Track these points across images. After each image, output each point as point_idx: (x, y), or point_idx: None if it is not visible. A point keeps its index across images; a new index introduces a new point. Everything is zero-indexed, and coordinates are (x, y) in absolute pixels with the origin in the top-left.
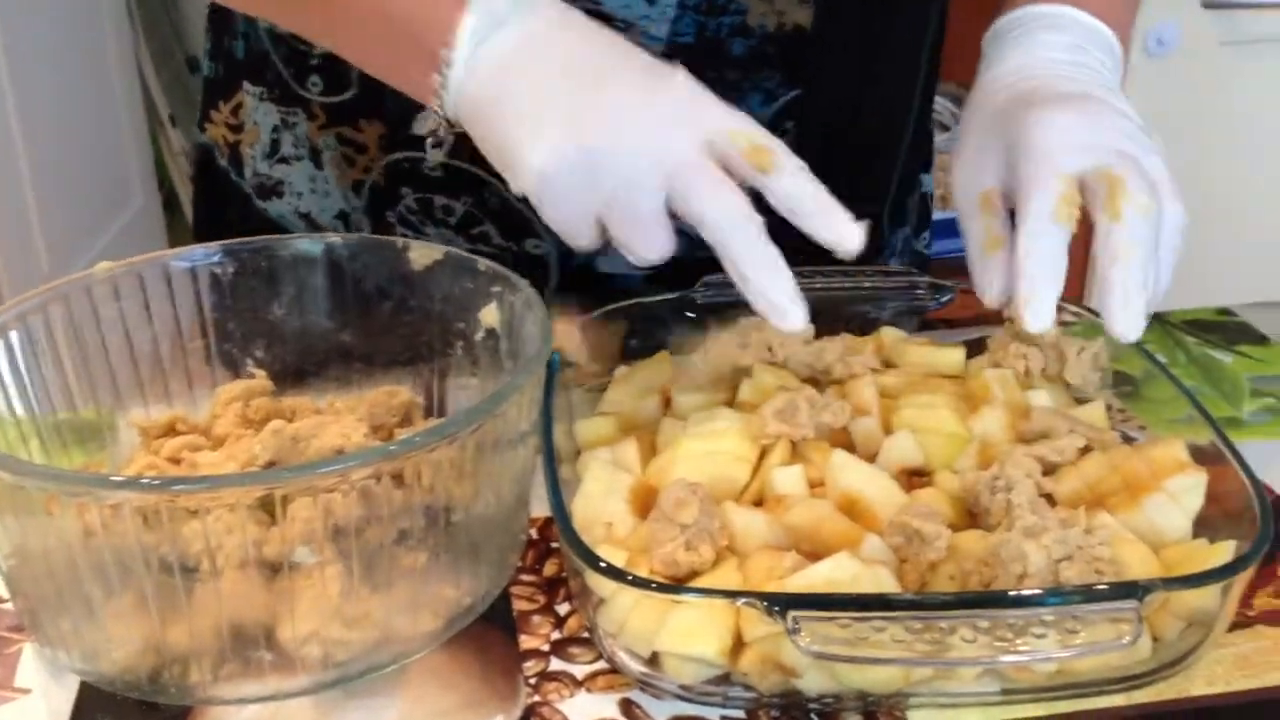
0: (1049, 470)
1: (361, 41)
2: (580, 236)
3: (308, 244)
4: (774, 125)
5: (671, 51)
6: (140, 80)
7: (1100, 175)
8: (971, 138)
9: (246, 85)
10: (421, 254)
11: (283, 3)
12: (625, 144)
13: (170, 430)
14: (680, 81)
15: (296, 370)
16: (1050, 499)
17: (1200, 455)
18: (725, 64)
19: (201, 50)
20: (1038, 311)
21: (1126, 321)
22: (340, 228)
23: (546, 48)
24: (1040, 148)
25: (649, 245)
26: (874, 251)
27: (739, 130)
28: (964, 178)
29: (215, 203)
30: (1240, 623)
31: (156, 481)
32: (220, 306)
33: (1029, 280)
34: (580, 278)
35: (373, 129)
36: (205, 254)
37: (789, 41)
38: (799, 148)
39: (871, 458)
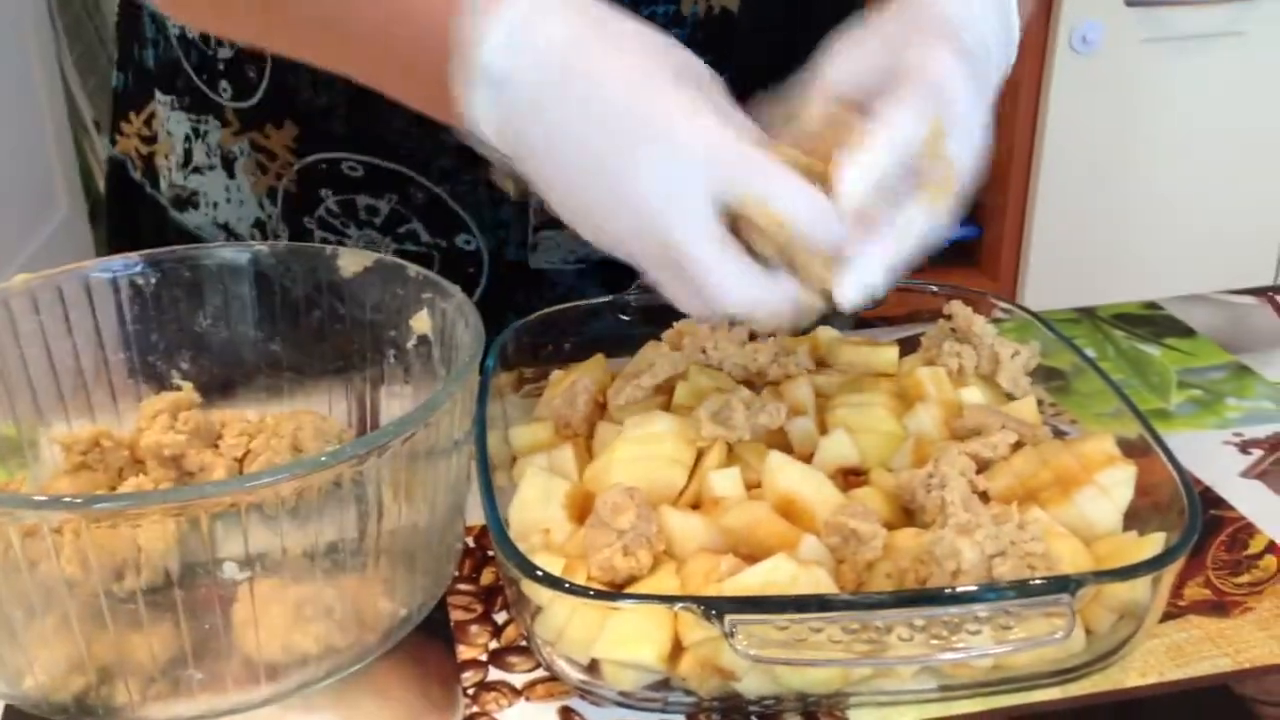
0: (982, 467)
1: (383, 65)
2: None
3: (232, 252)
4: None
5: None
6: (64, 86)
7: (946, 145)
8: (858, 38)
9: (158, 94)
10: (350, 261)
11: (295, 33)
12: (654, 177)
13: (94, 445)
14: (691, 109)
15: (225, 382)
16: (984, 496)
17: (1129, 448)
18: None
19: None
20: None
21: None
22: (257, 236)
23: (581, 64)
24: (929, 85)
25: (724, 281)
26: None
27: (750, 200)
28: (830, 70)
29: (130, 217)
30: (1171, 613)
31: (78, 500)
32: (143, 318)
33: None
34: (513, 273)
35: (281, 134)
36: (126, 264)
37: (716, 25)
38: None
39: (808, 458)
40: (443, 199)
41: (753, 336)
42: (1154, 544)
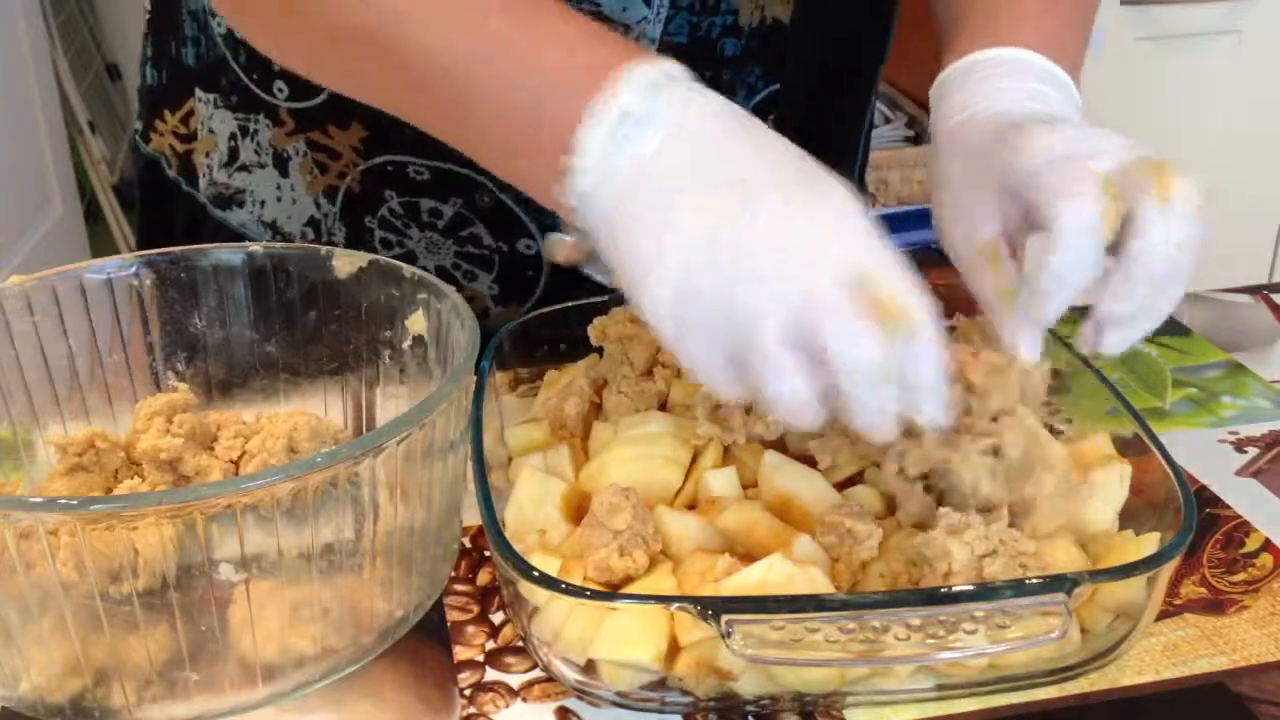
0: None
1: (488, 134)
2: (715, 381)
3: (228, 254)
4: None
5: (664, 53)
6: (58, 87)
7: (1137, 168)
8: (952, 187)
9: (199, 92)
10: (345, 262)
11: (391, 88)
12: (753, 277)
13: (89, 447)
14: (832, 205)
15: (221, 383)
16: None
17: (1125, 447)
18: (718, 64)
19: (122, 57)
20: (1031, 345)
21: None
22: (310, 235)
23: (694, 152)
24: (1051, 166)
25: (780, 398)
26: None
27: (882, 279)
28: (956, 233)
29: (164, 216)
30: (1167, 612)
31: (74, 502)
32: (139, 319)
33: (1044, 295)
34: (569, 278)
35: (347, 135)
36: (121, 266)
37: (769, 36)
38: None
39: (804, 457)
40: (506, 204)
41: None
42: (1150, 543)
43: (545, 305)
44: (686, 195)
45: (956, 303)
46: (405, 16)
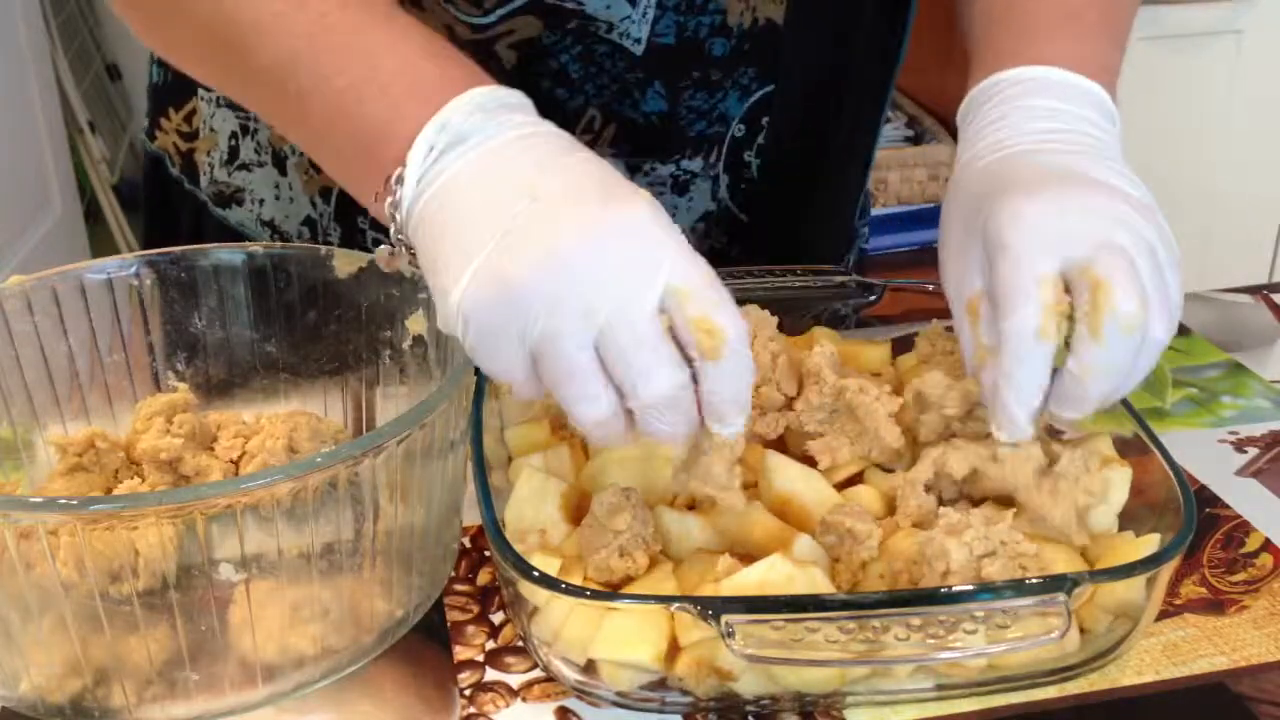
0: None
1: (326, 143)
2: (512, 380)
3: (228, 253)
4: (749, 120)
5: (651, 53)
6: (58, 87)
7: (1082, 274)
8: (954, 232)
9: (201, 92)
10: (345, 262)
11: (248, 85)
12: (555, 289)
13: (89, 447)
14: (641, 219)
15: (221, 383)
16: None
17: (1125, 447)
18: (708, 64)
19: (123, 57)
20: (1011, 432)
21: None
22: (306, 234)
23: (501, 167)
24: (1012, 250)
25: (579, 406)
26: (845, 247)
27: (693, 295)
28: (950, 279)
29: (168, 213)
30: (1167, 612)
31: (74, 502)
32: (138, 319)
33: (1004, 408)
34: None
35: None
36: (121, 266)
37: (763, 37)
38: (775, 144)
39: (803, 456)
40: None
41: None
42: (1149, 543)
43: None
44: (485, 212)
45: None
46: (240, 10)
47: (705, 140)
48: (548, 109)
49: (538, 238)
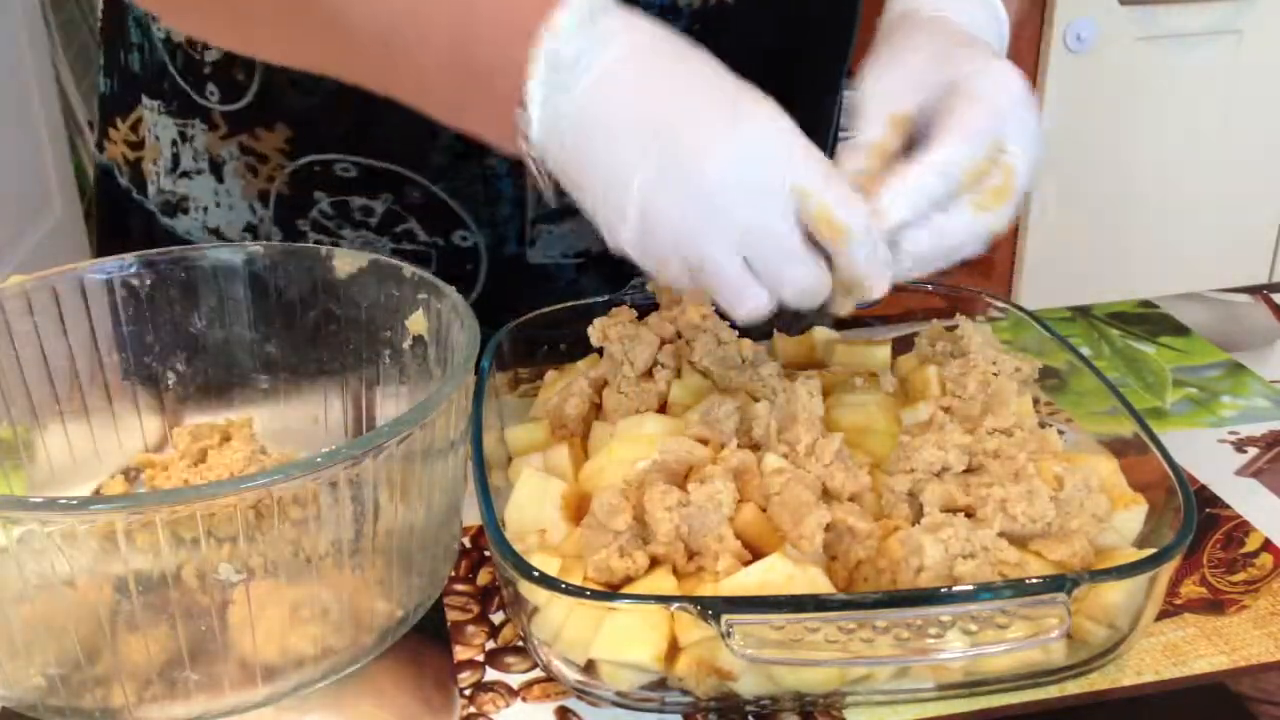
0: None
1: (434, 94)
2: (685, 290)
3: (228, 253)
4: None
5: None
6: (58, 87)
7: (1006, 155)
8: (901, 57)
9: (145, 99)
10: (345, 262)
11: (332, 51)
12: (699, 219)
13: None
14: (764, 131)
15: (221, 383)
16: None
17: (1125, 447)
18: None
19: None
20: (875, 267)
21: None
22: (249, 240)
23: (620, 90)
24: (985, 103)
25: (739, 306)
26: None
27: (815, 194)
28: (881, 89)
29: (119, 224)
30: (1167, 612)
31: (74, 502)
32: (138, 319)
33: (888, 229)
34: (511, 269)
35: (274, 135)
36: (121, 266)
37: (711, 19)
38: None
39: None
40: (439, 196)
41: (741, 333)
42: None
43: (487, 298)
44: (630, 140)
45: (958, 303)
46: None
47: None
48: None
49: (681, 166)
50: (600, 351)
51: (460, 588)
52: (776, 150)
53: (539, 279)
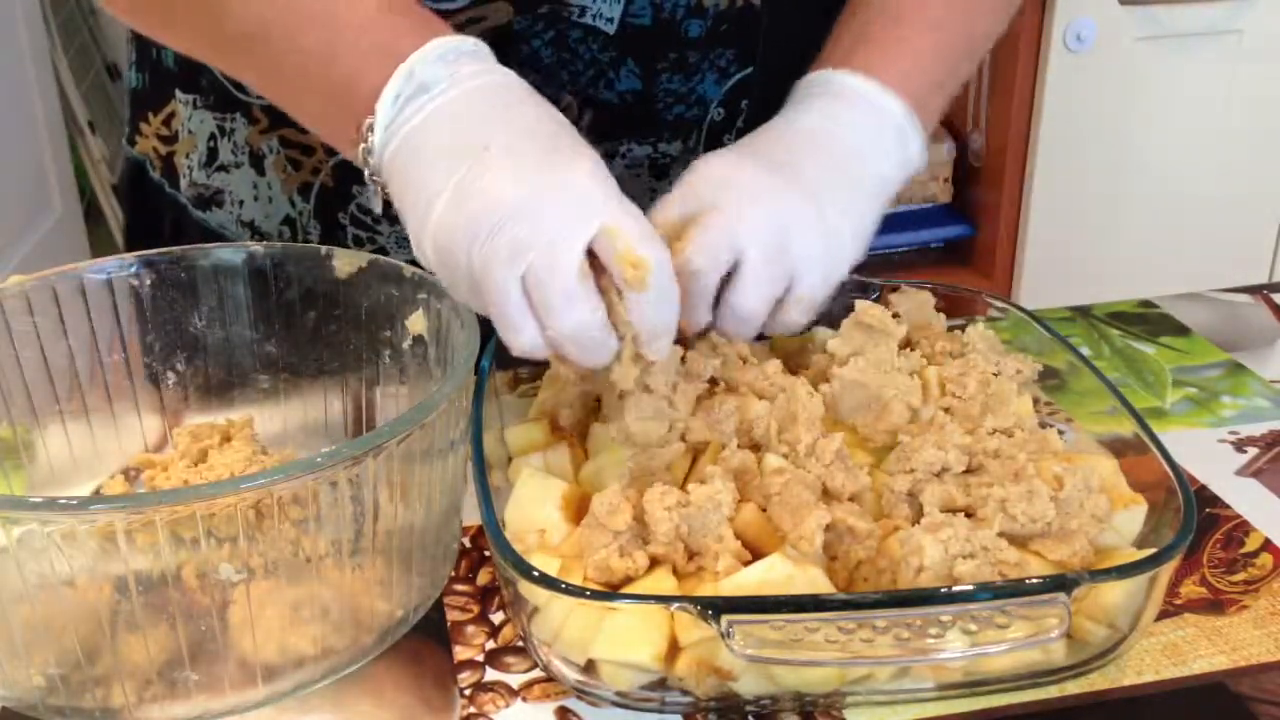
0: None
1: (302, 99)
2: (475, 306)
3: (228, 253)
4: (728, 104)
5: (625, 32)
6: (58, 86)
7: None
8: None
9: (179, 94)
10: (345, 262)
11: (223, 51)
12: (491, 233)
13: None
14: (580, 173)
15: (221, 383)
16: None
17: (1125, 447)
18: (684, 45)
19: (123, 57)
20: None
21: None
22: (286, 234)
23: (458, 118)
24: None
25: (515, 337)
26: None
27: (621, 234)
28: (659, 207)
29: (149, 218)
30: (1168, 612)
31: (74, 502)
32: (138, 319)
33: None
34: None
35: None
36: (121, 266)
37: (740, 19)
38: (754, 128)
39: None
40: None
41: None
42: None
43: None
44: (442, 164)
45: (958, 303)
46: None
47: (683, 124)
48: None
49: (482, 189)
50: None
51: (460, 588)
52: (591, 192)
53: None
